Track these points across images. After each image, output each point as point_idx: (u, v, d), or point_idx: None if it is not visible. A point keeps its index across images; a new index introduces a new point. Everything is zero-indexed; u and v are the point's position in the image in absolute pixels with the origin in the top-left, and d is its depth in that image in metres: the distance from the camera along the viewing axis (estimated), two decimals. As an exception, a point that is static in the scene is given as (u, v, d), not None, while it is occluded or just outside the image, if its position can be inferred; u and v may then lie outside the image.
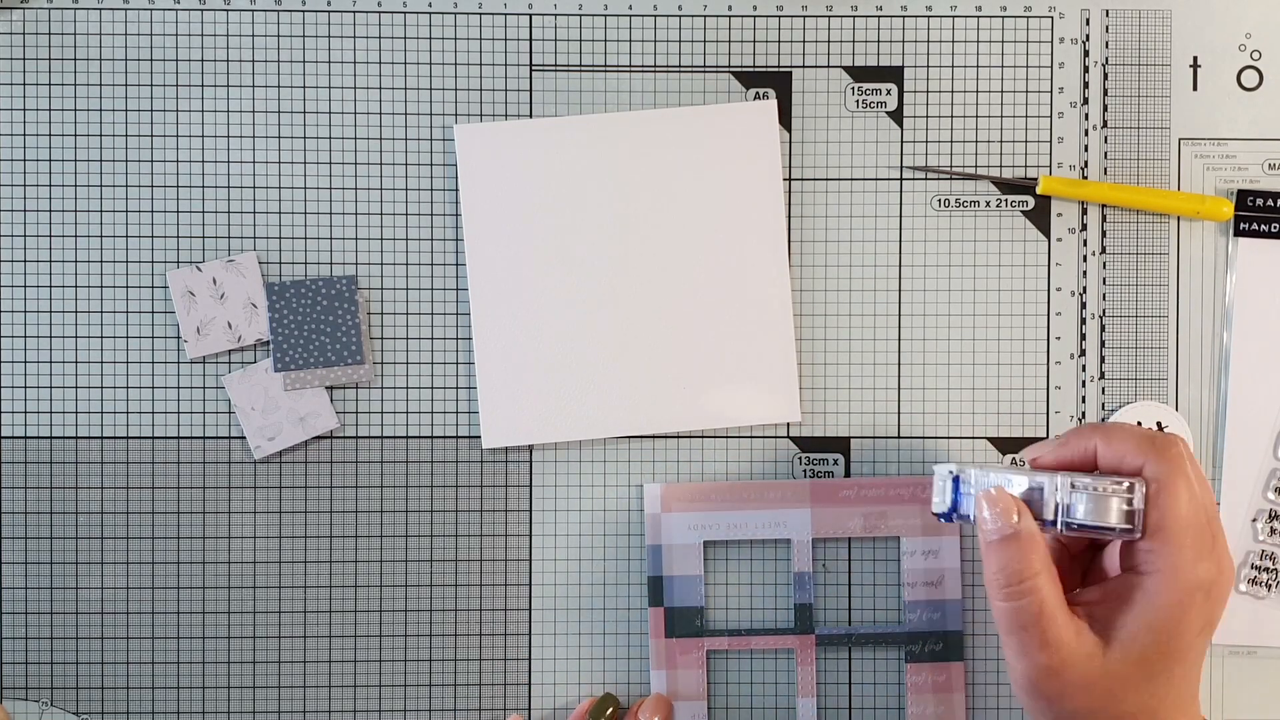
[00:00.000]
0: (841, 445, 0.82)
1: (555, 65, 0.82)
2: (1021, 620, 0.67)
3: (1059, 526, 0.69)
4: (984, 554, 0.69)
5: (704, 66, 0.82)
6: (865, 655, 0.82)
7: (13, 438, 0.81)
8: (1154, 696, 0.68)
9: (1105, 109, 0.82)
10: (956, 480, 0.72)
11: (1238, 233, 0.82)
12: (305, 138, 0.81)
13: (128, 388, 0.81)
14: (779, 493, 0.82)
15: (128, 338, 0.81)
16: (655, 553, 0.81)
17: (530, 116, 0.82)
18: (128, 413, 0.81)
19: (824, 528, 0.81)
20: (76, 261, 0.81)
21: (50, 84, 0.81)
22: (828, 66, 0.82)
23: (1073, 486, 0.68)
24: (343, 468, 0.81)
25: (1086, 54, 0.82)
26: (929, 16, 0.82)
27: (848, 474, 0.82)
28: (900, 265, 0.82)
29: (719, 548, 0.82)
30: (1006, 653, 0.69)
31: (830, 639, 0.82)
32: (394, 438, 0.81)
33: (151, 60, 0.81)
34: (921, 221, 0.82)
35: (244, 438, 0.81)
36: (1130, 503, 0.68)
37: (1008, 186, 0.82)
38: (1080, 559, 0.75)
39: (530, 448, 0.82)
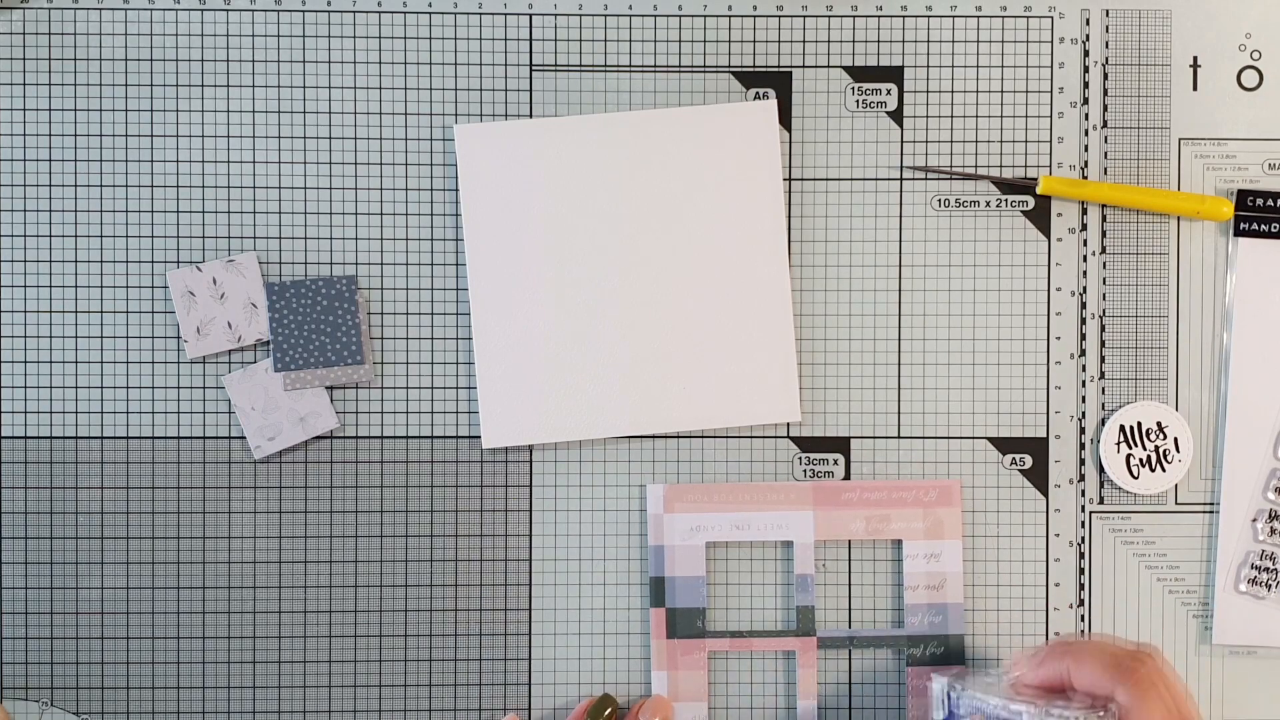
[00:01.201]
0: (841, 445, 0.82)
1: (555, 65, 0.82)
2: None
3: None
4: None
5: (704, 66, 0.82)
6: (866, 658, 0.82)
7: (13, 438, 0.81)
8: None
9: (1105, 109, 0.82)
10: (949, 695, 0.76)
11: (1238, 233, 0.82)
12: (305, 138, 0.81)
13: (128, 388, 0.81)
14: (781, 494, 0.82)
15: (128, 338, 0.81)
16: (657, 553, 0.81)
17: (530, 116, 0.82)
18: (128, 413, 0.81)
19: (826, 530, 0.81)
20: (76, 261, 0.81)
21: (50, 84, 0.81)
22: (828, 66, 0.82)
23: (1048, 715, 0.70)
24: (343, 468, 0.81)
25: (1086, 54, 0.82)
26: (929, 16, 0.82)
27: (848, 474, 0.82)
28: (900, 265, 0.82)
29: (721, 549, 0.82)
30: None
31: (831, 641, 0.82)
32: (394, 438, 0.81)
33: (151, 60, 0.81)
34: (921, 221, 0.82)
35: (244, 438, 0.81)
36: None
37: (1008, 186, 0.82)
38: None
39: (530, 448, 0.82)
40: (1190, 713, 0.70)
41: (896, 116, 0.82)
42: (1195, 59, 0.82)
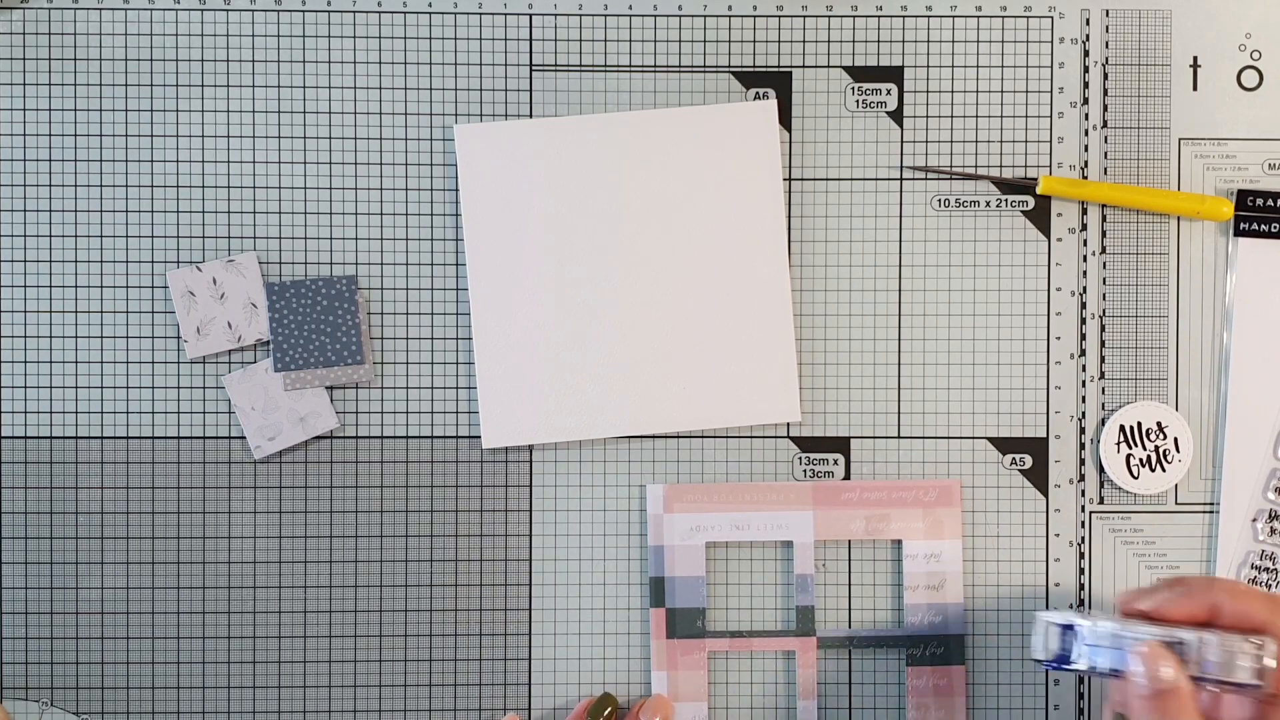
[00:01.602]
0: (841, 445, 0.82)
1: (555, 65, 0.82)
2: None
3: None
4: (1133, 707, 0.70)
5: (704, 66, 0.82)
6: (866, 658, 0.82)
7: (13, 438, 0.81)
8: None
9: (1105, 109, 0.82)
10: (1066, 630, 0.73)
11: (1238, 233, 0.82)
12: (305, 138, 0.81)
13: (128, 388, 0.81)
14: (781, 494, 0.82)
15: (128, 338, 0.81)
16: (657, 553, 0.81)
17: (530, 116, 0.82)
18: (128, 413, 0.81)
19: (826, 530, 0.81)
20: (76, 261, 0.81)
21: (50, 84, 0.81)
22: (828, 66, 0.82)
23: (1203, 642, 0.69)
24: (343, 468, 0.81)
25: (1086, 54, 0.82)
26: (929, 16, 0.82)
27: (848, 474, 0.82)
28: (900, 265, 0.82)
29: (720, 549, 0.82)
30: None
31: (831, 641, 0.82)
32: (394, 438, 0.81)
33: (151, 60, 0.81)
34: (921, 221, 0.82)
35: (244, 438, 0.81)
36: (1260, 659, 0.69)
37: (1008, 186, 0.82)
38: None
39: (530, 448, 0.82)
40: None
41: (896, 116, 0.82)
42: (1195, 59, 0.82)
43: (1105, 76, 0.82)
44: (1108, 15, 0.82)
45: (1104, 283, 0.82)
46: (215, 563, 0.81)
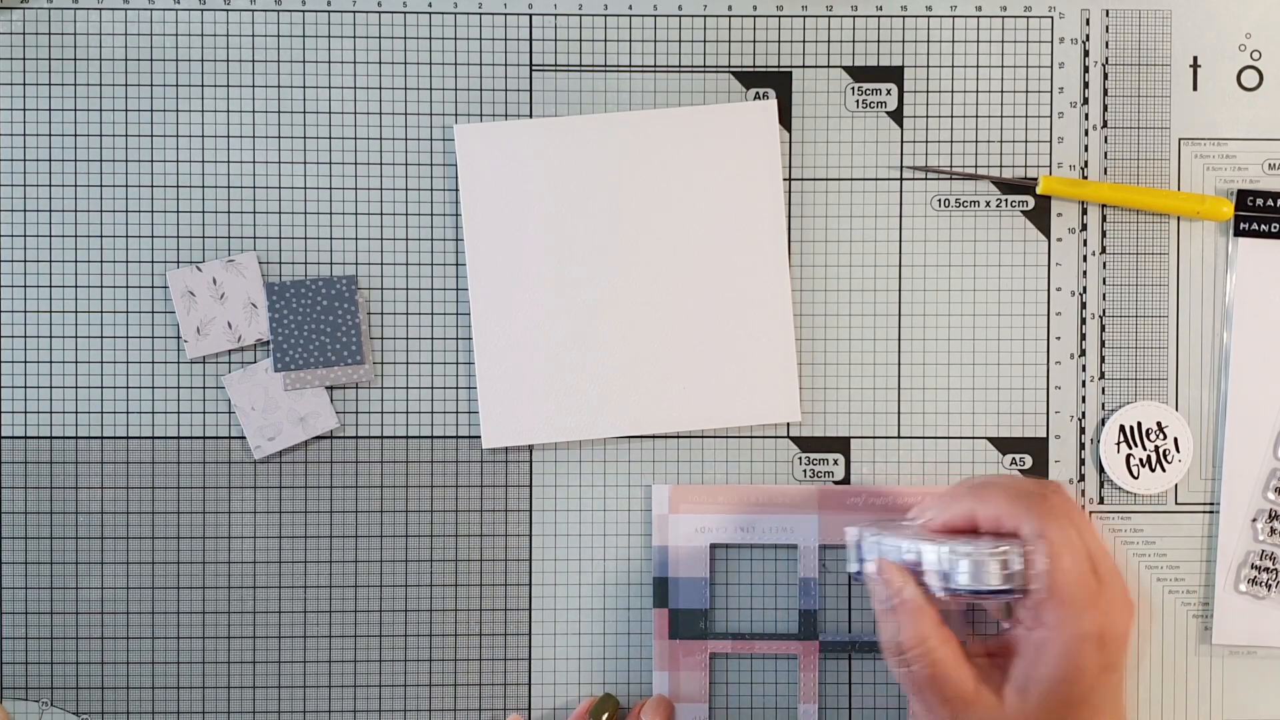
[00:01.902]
0: (841, 445, 0.82)
1: (555, 65, 0.82)
2: (917, 682, 0.70)
3: (941, 593, 0.71)
4: (879, 621, 0.73)
5: (704, 66, 0.82)
6: (868, 662, 0.82)
7: (13, 438, 0.81)
8: None
9: (1105, 109, 0.82)
10: (860, 545, 0.76)
11: (1238, 233, 0.82)
12: (305, 138, 0.81)
13: (128, 388, 0.81)
14: (787, 498, 0.81)
15: (128, 338, 0.81)
16: (661, 554, 0.81)
17: (530, 116, 0.82)
18: (128, 413, 0.81)
19: (831, 534, 0.81)
20: (76, 261, 0.81)
21: (50, 84, 0.81)
22: (828, 66, 0.82)
23: (952, 553, 0.70)
24: (343, 468, 0.81)
25: (1086, 54, 0.82)
26: (929, 16, 0.82)
27: (848, 473, 0.82)
28: (900, 265, 0.82)
29: (724, 551, 0.82)
30: (915, 709, 0.72)
31: (833, 645, 0.82)
32: (394, 438, 0.81)
33: (151, 60, 0.81)
34: (921, 221, 0.82)
35: (244, 438, 0.81)
36: (1008, 565, 0.69)
37: (1008, 186, 0.82)
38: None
39: (530, 448, 0.82)
40: (1095, 546, 0.70)
41: (896, 116, 0.82)
42: (1195, 59, 0.82)
43: (1105, 76, 0.82)
44: (1108, 15, 0.82)
45: (1104, 283, 0.82)
46: (215, 563, 0.81)
